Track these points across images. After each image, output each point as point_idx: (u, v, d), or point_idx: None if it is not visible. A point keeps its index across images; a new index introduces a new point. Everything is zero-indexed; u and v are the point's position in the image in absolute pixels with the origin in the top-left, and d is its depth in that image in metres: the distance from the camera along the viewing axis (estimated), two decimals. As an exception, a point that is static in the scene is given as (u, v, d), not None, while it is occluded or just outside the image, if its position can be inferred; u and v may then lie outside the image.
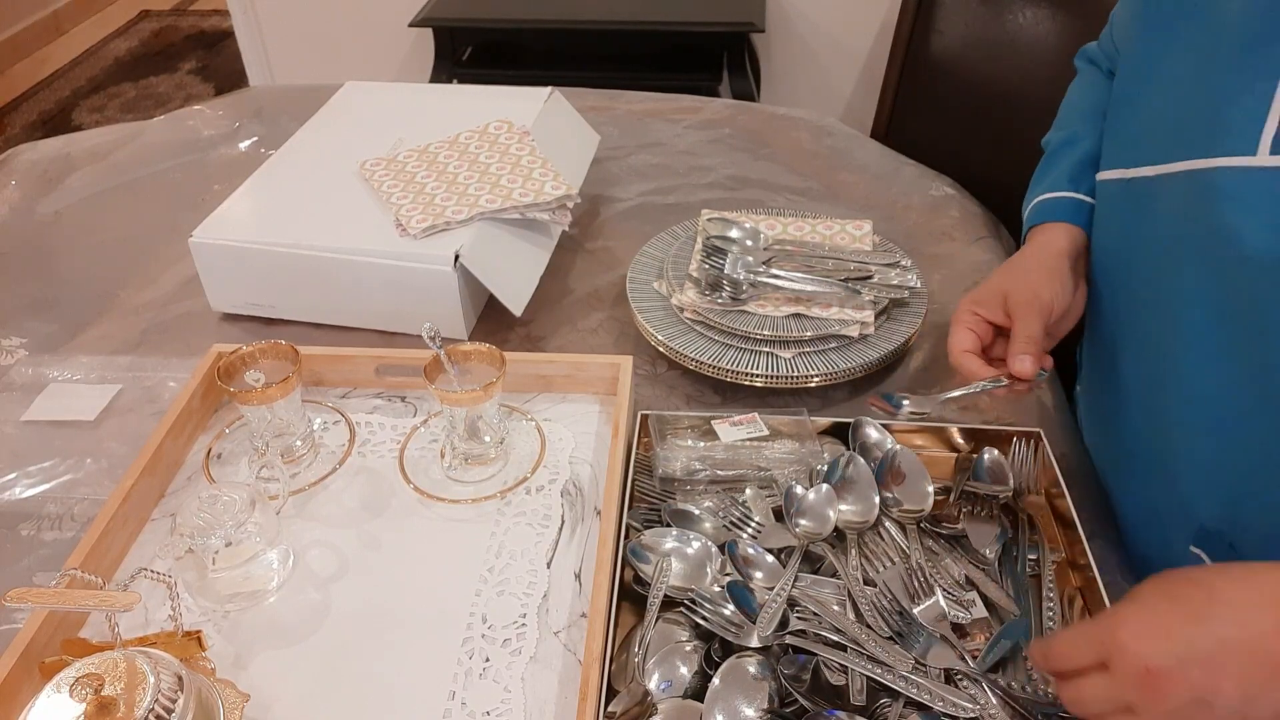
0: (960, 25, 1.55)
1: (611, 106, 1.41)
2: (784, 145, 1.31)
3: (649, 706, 0.59)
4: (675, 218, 1.07)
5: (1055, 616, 0.66)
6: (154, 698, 0.50)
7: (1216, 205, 0.59)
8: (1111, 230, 0.73)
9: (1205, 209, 0.60)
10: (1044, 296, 0.73)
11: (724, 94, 2.13)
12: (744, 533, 0.71)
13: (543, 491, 0.77)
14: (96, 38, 3.90)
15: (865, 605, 0.64)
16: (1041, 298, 0.73)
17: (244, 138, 1.33)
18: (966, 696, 0.59)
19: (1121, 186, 0.70)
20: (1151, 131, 0.67)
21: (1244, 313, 0.59)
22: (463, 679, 0.63)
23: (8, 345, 0.96)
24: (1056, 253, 0.76)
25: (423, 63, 2.32)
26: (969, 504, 0.73)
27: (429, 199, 0.96)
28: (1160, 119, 0.66)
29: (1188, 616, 0.49)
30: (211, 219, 0.96)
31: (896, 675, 0.60)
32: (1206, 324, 0.62)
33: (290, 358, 0.77)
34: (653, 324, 0.90)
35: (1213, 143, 0.59)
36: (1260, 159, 0.56)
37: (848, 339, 0.87)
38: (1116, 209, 0.73)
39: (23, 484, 0.81)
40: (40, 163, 1.28)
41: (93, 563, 0.67)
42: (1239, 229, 0.57)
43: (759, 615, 0.62)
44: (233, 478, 0.78)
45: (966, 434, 0.77)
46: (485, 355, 0.77)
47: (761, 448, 0.77)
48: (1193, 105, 0.62)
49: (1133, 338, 0.72)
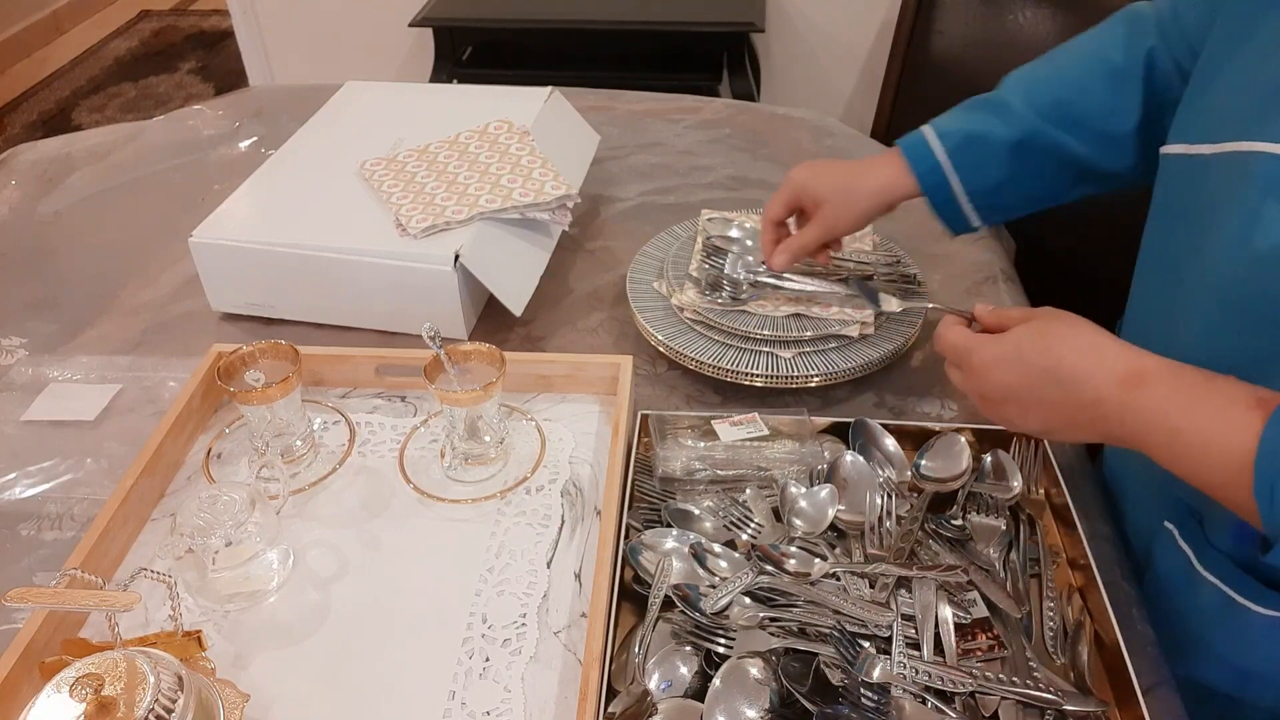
0: (960, 25, 1.56)
1: (611, 106, 1.41)
2: (784, 145, 1.31)
3: (649, 706, 0.59)
4: (675, 218, 1.07)
5: (1055, 616, 0.66)
6: (154, 698, 0.50)
7: (1247, 189, 0.58)
8: (1169, 209, 0.71)
9: (1239, 192, 0.59)
10: (840, 228, 0.85)
11: (724, 94, 2.13)
12: (744, 533, 0.71)
13: (543, 491, 0.77)
14: (96, 38, 3.89)
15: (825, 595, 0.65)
16: (837, 228, 0.85)
17: (244, 138, 1.33)
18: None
19: (1181, 162, 0.69)
20: (1216, 109, 0.65)
21: (1250, 302, 0.59)
22: (463, 679, 0.63)
23: (8, 345, 0.96)
24: (882, 186, 0.84)
25: (423, 63, 2.32)
26: (974, 504, 0.73)
27: (429, 199, 0.96)
28: (1225, 101, 0.65)
29: (1025, 375, 0.63)
30: (211, 219, 0.96)
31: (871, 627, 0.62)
32: (1216, 312, 0.62)
33: (290, 358, 0.77)
34: (653, 324, 0.90)
35: (1260, 127, 0.58)
36: None
37: (848, 339, 0.87)
38: (1174, 186, 0.70)
39: (23, 484, 0.81)
40: (40, 163, 1.28)
41: (93, 563, 0.67)
42: (1264, 219, 0.56)
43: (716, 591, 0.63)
44: (233, 478, 0.78)
45: (967, 434, 0.77)
46: (485, 355, 0.77)
47: (761, 448, 0.77)
48: (1256, 89, 0.61)
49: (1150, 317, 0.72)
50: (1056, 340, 0.62)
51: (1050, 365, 0.62)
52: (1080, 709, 0.59)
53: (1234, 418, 0.54)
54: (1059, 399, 0.62)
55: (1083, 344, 0.61)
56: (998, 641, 0.63)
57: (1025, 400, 0.64)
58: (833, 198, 0.84)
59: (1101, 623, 0.64)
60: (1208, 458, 0.55)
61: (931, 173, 0.83)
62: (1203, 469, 0.56)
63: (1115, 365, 0.59)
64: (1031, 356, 0.63)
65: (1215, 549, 0.66)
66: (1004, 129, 0.80)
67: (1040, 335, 0.63)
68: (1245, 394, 0.55)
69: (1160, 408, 0.57)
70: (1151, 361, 0.59)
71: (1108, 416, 0.60)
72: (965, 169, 0.82)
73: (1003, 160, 0.81)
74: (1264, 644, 0.65)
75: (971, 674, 0.60)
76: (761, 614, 0.63)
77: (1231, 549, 0.65)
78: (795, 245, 0.86)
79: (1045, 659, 0.63)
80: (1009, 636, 0.64)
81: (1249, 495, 0.53)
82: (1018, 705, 0.59)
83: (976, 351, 0.66)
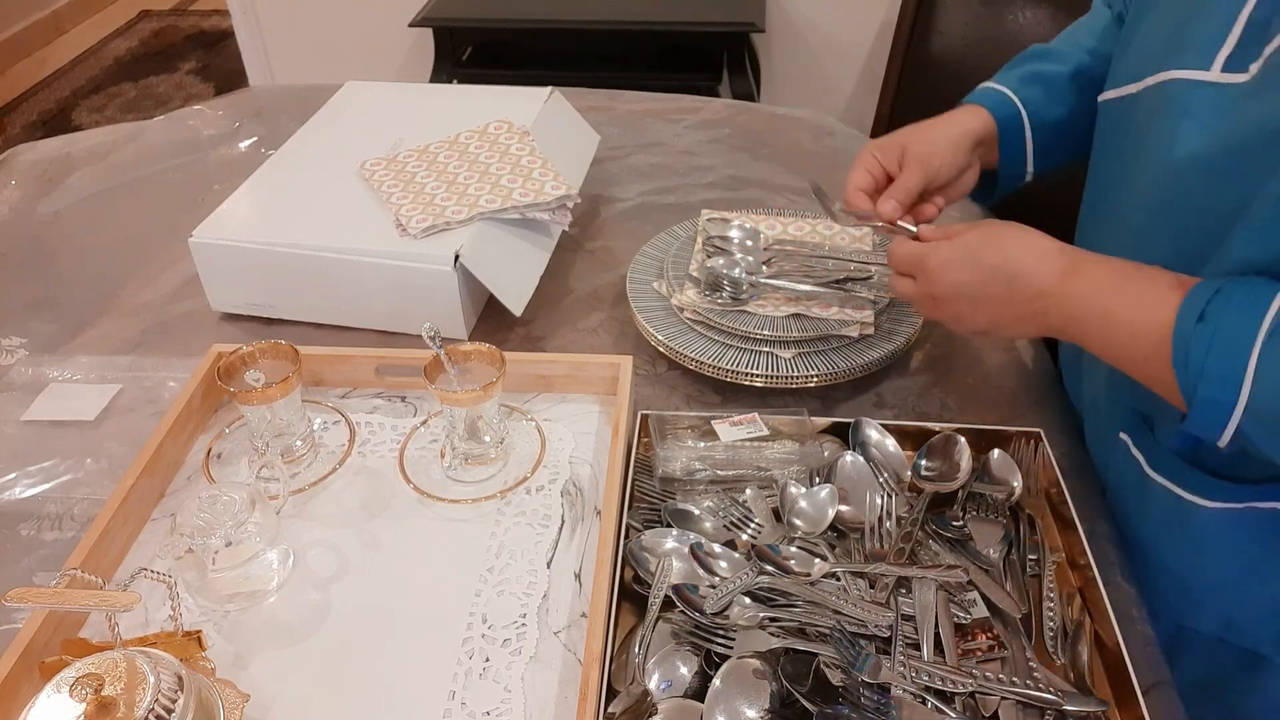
0: (960, 25, 1.56)
1: (611, 106, 1.41)
2: (784, 145, 1.31)
3: (649, 706, 0.59)
4: (675, 218, 1.07)
5: (1055, 616, 0.66)
6: (154, 698, 0.50)
7: (1166, 114, 0.64)
8: (1105, 149, 0.78)
9: (1158, 118, 0.66)
10: (934, 162, 0.83)
11: (724, 94, 2.13)
12: (744, 533, 0.71)
13: (543, 491, 0.77)
14: (96, 38, 3.90)
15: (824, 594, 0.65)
16: (931, 162, 0.83)
17: (244, 138, 1.33)
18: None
19: (1115, 105, 0.75)
20: (1141, 51, 0.71)
21: (1178, 212, 0.65)
22: (463, 679, 0.63)
23: (8, 345, 0.96)
24: (965, 130, 0.85)
25: (423, 63, 2.32)
26: (974, 504, 0.73)
27: (429, 199, 0.96)
28: (1149, 40, 0.70)
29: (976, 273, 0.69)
30: (211, 219, 0.96)
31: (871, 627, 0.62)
32: (1148, 225, 0.68)
33: (290, 358, 0.77)
34: (653, 324, 0.90)
35: (1177, 58, 0.65)
36: (1212, 74, 0.62)
37: (848, 339, 0.87)
38: (1109, 128, 0.77)
39: (23, 484, 0.81)
40: (40, 163, 1.28)
41: (93, 563, 0.67)
42: (1177, 134, 0.63)
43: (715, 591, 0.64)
44: (233, 478, 0.78)
45: (967, 434, 0.77)
46: (485, 355, 0.77)
47: (761, 448, 0.77)
48: (1173, 26, 0.67)
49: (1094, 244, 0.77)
50: (1005, 241, 0.69)
51: (999, 263, 0.68)
52: (1080, 709, 0.59)
53: (1157, 298, 0.61)
54: (1006, 294, 0.68)
55: (1028, 243, 0.68)
56: (998, 642, 0.63)
57: (977, 296, 0.70)
58: (915, 139, 0.85)
59: (1101, 623, 0.64)
60: (1134, 336, 0.62)
61: (1004, 105, 0.86)
62: (1131, 349, 0.62)
63: (1058, 260, 0.66)
64: (981, 255, 0.69)
65: (1164, 450, 0.71)
66: (1058, 66, 0.86)
67: (989, 238, 0.70)
68: (1168, 277, 0.62)
69: (1094, 292, 0.64)
70: (1084, 254, 0.66)
71: (1049, 309, 0.66)
72: (1034, 101, 0.86)
73: (1065, 93, 0.86)
74: (1209, 547, 0.70)
75: (971, 674, 0.60)
76: (761, 614, 0.63)
77: (1178, 445, 0.69)
78: (901, 190, 0.83)
79: (1045, 659, 0.63)
80: (1009, 636, 0.64)
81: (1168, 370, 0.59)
82: (1018, 705, 0.59)
83: (930, 255, 0.73)
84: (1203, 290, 0.59)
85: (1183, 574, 0.74)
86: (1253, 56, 0.60)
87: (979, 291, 0.70)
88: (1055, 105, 0.86)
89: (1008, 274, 0.67)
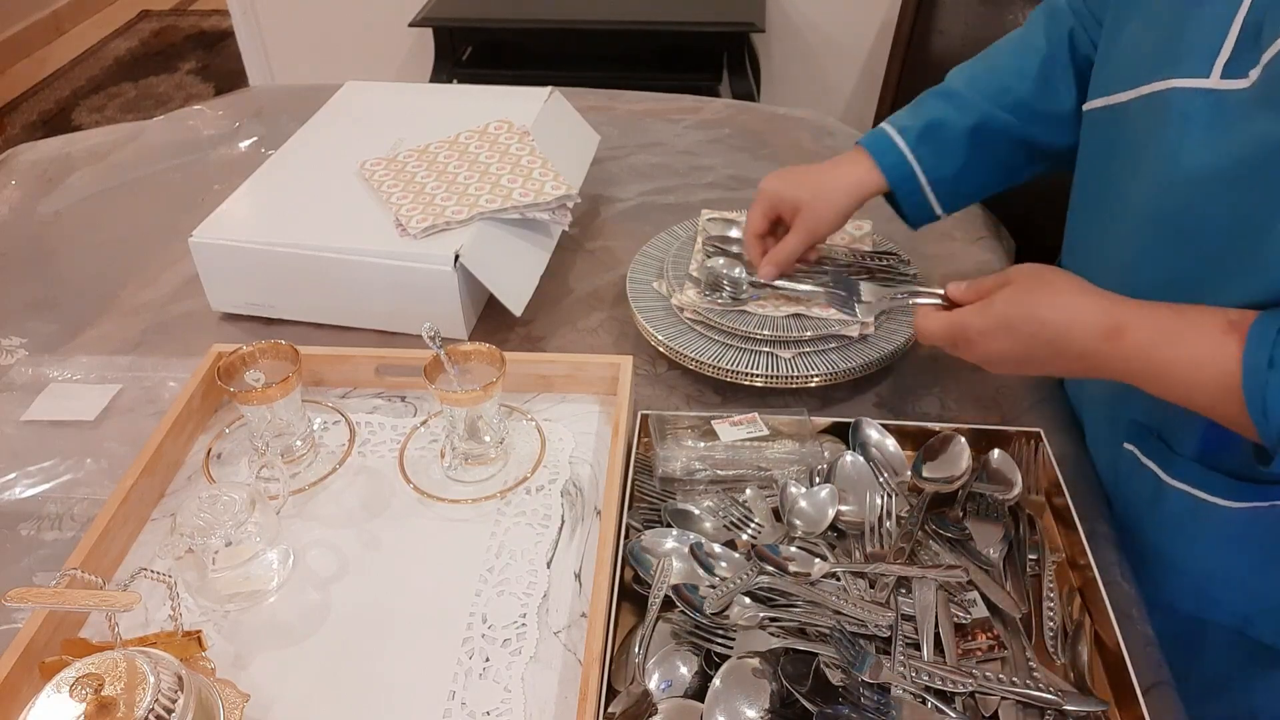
0: (960, 25, 1.56)
1: (611, 106, 1.41)
2: (784, 145, 1.31)
3: (649, 706, 0.59)
4: (675, 218, 1.07)
5: (1055, 616, 0.66)
6: (154, 698, 0.50)
7: (1167, 124, 0.63)
8: (1093, 160, 0.77)
9: (1158, 128, 0.65)
10: (820, 231, 0.86)
11: (724, 94, 2.13)
12: (744, 533, 0.71)
13: (543, 491, 0.77)
14: (96, 38, 3.89)
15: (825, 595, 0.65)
16: (818, 232, 0.86)
17: (244, 138, 1.33)
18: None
19: (1104, 114, 0.74)
20: (1129, 58, 0.70)
21: (1177, 224, 0.64)
22: (463, 679, 0.63)
23: (8, 345, 0.96)
24: (859, 194, 0.86)
25: (423, 63, 2.32)
26: (974, 504, 0.73)
27: (429, 199, 0.96)
28: (1136, 46, 0.70)
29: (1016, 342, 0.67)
30: (211, 219, 0.96)
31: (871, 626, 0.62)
32: (1145, 236, 0.68)
33: (290, 358, 0.77)
34: (653, 324, 0.90)
35: (1174, 66, 0.64)
36: (1211, 81, 0.61)
37: (848, 339, 0.87)
38: (1098, 137, 0.76)
39: (23, 484, 0.81)
40: (40, 163, 1.28)
41: (93, 563, 0.67)
42: (1181, 146, 0.62)
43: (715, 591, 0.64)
44: (233, 478, 0.78)
45: (967, 434, 0.77)
46: (485, 355, 0.77)
47: (761, 448, 0.77)
48: (1164, 33, 0.66)
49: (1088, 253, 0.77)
50: (1039, 306, 0.66)
51: (1034, 330, 0.66)
52: (1080, 709, 0.59)
53: (1212, 346, 0.59)
54: (1051, 355, 0.67)
55: (1061, 304, 0.66)
56: (998, 641, 0.63)
57: (1022, 359, 0.69)
58: (811, 202, 0.86)
59: (1101, 623, 0.64)
60: (1191, 388, 0.60)
61: (898, 166, 0.86)
62: (1191, 398, 0.61)
63: (1094, 320, 0.64)
64: (1016, 324, 0.67)
65: (1183, 457, 0.70)
66: (958, 116, 0.85)
67: (1022, 304, 0.67)
68: (1216, 320, 0.60)
69: (1143, 352, 0.62)
70: (1124, 310, 0.63)
71: (1099, 366, 0.65)
72: (928, 158, 0.86)
73: (961, 146, 0.85)
74: (1232, 545, 0.70)
75: (971, 674, 0.60)
76: (761, 614, 0.63)
77: (1199, 453, 0.69)
78: (781, 255, 0.87)
79: (1045, 659, 0.63)
80: (1009, 636, 0.64)
81: (1240, 411, 0.57)
82: (1018, 705, 0.59)
83: (967, 327, 0.70)
84: (1263, 331, 0.57)
85: (1198, 573, 0.73)
86: (1251, 62, 0.59)
87: (1024, 355, 0.68)
88: (950, 160, 0.86)
89: (1047, 339, 0.66)
